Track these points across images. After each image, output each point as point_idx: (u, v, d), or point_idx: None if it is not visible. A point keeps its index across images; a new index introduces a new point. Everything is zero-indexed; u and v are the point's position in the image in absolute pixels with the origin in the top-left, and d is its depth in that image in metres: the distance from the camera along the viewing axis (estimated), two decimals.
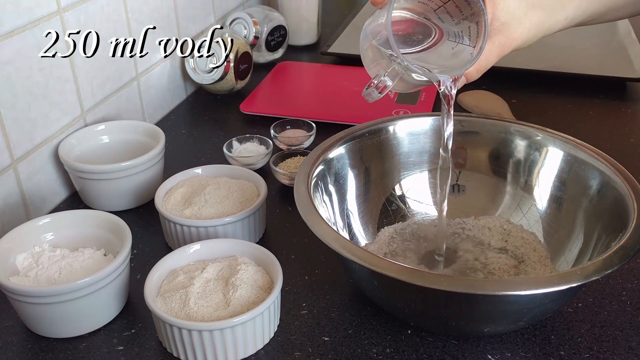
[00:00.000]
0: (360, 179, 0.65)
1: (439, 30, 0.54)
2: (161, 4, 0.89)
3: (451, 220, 0.66)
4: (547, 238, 0.62)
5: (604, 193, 0.58)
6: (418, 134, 0.67)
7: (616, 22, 1.17)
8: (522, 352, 0.53)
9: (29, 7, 0.66)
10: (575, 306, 0.58)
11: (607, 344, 0.54)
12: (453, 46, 0.54)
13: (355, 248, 0.49)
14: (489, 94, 0.93)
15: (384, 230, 0.65)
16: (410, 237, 0.64)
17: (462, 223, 0.66)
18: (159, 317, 0.51)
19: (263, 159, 0.78)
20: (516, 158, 0.66)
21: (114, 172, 0.69)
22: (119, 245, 0.58)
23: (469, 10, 0.53)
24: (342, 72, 1.03)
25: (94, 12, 0.76)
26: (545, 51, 1.07)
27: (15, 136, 0.67)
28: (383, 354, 0.53)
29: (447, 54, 0.54)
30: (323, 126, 0.84)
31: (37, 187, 0.71)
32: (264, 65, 1.08)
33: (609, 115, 0.91)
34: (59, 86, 0.72)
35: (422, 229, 0.65)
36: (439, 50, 0.54)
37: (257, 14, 1.07)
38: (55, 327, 0.55)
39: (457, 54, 0.54)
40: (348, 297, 0.59)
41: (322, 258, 0.64)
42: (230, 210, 0.65)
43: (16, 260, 0.57)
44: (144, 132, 0.77)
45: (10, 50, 0.65)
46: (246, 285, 0.54)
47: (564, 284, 0.46)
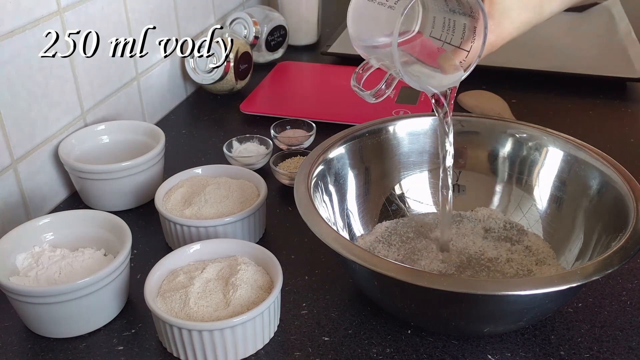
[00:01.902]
0: (360, 179, 0.65)
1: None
2: (161, 4, 0.89)
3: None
4: (547, 238, 0.62)
5: (604, 193, 0.58)
6: (418, 134, 0.67)
7: (616, 22, 1.17)
8: (522, 352, 0.53)
9: (29, 7, 0.66)
10: (575, 306, 0.58)
11: (607, 344, 0.54)
12: (437, 46, 0.54)
13: (355, 248, 0.49)
14: (489, 94, 0.93)
15: (380, 224, 0.65)
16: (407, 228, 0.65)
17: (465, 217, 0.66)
18: (159, 317, 0.51)
19: (263, 159, 0.78)
20: (516, 158, 0.66)
21: (114, 172, 0.69)
22: (119, 245, 0.58)
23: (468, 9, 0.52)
24: (342, 72, 1.02)
25: (94, 12, 0.76)
26: (545, 51, 1.07)
27: (15, 136, 0.67)
28: (383, 354, 0.53)
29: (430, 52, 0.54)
30: (323, 126, 0.84)
31: (37, 187, 0.71)
32: (264, 65, 1.08)
33: (609, 115, 0.91)
34: (59, 86, 0.72)
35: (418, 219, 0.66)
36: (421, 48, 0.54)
37: (257, 14, 1.07)
38: (55, 327, 0.55)
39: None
40: (348, 297, 0.59)
41: (322, 258, 0.64)
42: (230, 210, 0.65)
43: (16, 260, 0.57)
44: (144, 132, 0.77)
45: (10, 50, 0.65)
46: (246, 285, 0.54)
47: (564, 284, 0.46)
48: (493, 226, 0.64)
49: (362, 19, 0.54)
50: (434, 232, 0.64)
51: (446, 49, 0.54)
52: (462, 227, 0.65)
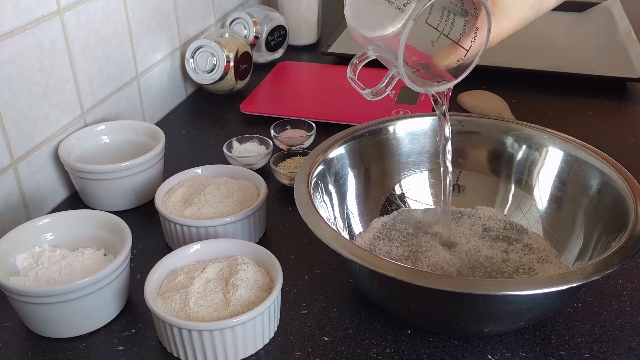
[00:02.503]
0: (360, 179, 0.65)
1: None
2: (161, 4, 0.89)
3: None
4: (547, 238, 0.62)
5: (604, 193, 0.58)
6: (418, 134, 0.67)
7: (616, 22, 1.17)
8: (522, 352, 0.53)
9: (29, 7, 0.66)
10: (575, 306, 0.58)
11: (607, 344, 0.54)
12: (433, 39, 0.53)
13: (356, 248, 0.49)
14: (489, 94, 0.93)
15: (377, 219, 0.65)
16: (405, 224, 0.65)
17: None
18: (159, 317, 0.51)
19: (263, 159, 0.78)
20: (516, 158, 0.66)
21: (114, 172, 0.69)
22: (119, 245, 0.58)
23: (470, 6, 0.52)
24: (342, 72, 1.02)
25: (94, 12, 0.76)
26: (545, 51, 1.07)
27: (15, 136, 0.67)
28: (383, 354, 0.53)
29: (425, 45, 0.53)
30: (323, 126, 0.84)
31: (37, 187, 0.71)
32: (264, 65, 1.08)
33: (609, 115, 0.91)
34: (59, 86, 0.72)
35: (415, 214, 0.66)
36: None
37: (257, 14, 1.07)
38: (55, 327, 0.55)
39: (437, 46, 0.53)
40: (348, 297, 0.59)
41: (322, 258, 0.64)
42: (230, 210, 0.65)
43: (16, 260, 0.57)
44: (144, 132, 0.77)
45: (10, 50, 0.65)
46: (246, 285, 0.54)
47: (564, 284, 0.46)
48: (493, 225, 0.64)
49: (363, 9, 0.53)
50: (432, 227, 0.64)
51: (442, 43, 0.53)
52: (461, 224, 0.65)
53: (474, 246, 0.61)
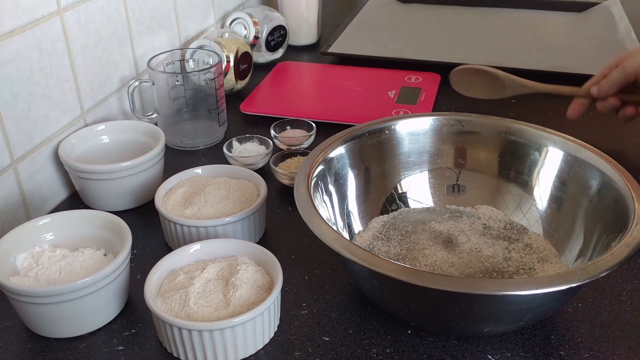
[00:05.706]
0: (360, 179, 0.65)
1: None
2: (161, 4, 0.89)
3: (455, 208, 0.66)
4: (547, 238, 0.62)
5: (604, 193, 0.58)
6: (418, 134, 0.67)
7: (616, 22, 1.17)
8: (522, 352, 0.53)
9: (29, 7, 0.66)
10: (575, 306, 0.58)
11: (607, 344, 0.54)
12: None
13: (355, 248, 0.49)
14: (477, 67, 0.91)
15: (377, 218, 0.65)
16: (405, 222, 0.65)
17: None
18: (159, 317, 0.51)
19: (263, 159, 0.78)
20: (516, 158, 0.66)
21: (114, 172, 0.69)
22: (119, 245, 0.58)
23: None
24: (342, 72, 1.02)
25: (94, 12, 0.76)
26: (545, 51, 1.07)
27: (15, 136, 0.67)
28: (383, 354, 0.53)
29: None
30: (323, 126, 0.84)
31: (37, 187, 0.71)
32: (264, 65, 1.08)
33: (609, 116, 0.91)
34: (59, 86, 0.72)
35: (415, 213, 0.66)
36: None
37: (257, 14, 1.07)
38: (55, 327, 0.55)
39: None
40: (348, 297, 0.59)
41: (322, 258, 0.64)
42: (230, 210, 0.65)
43: (16, 260, 0.57)
44: (144, 132, 0.77)
45: (10, 50, 0.65)
46: (246, 285, 0.54)
47: (564, 284, 0.46)
48: (493, 225, 0.64)
49: None
50: (431, 225, 0.64)
51: None
52: (460, 222, 0.65)
53: (475, 245, 0.61)
